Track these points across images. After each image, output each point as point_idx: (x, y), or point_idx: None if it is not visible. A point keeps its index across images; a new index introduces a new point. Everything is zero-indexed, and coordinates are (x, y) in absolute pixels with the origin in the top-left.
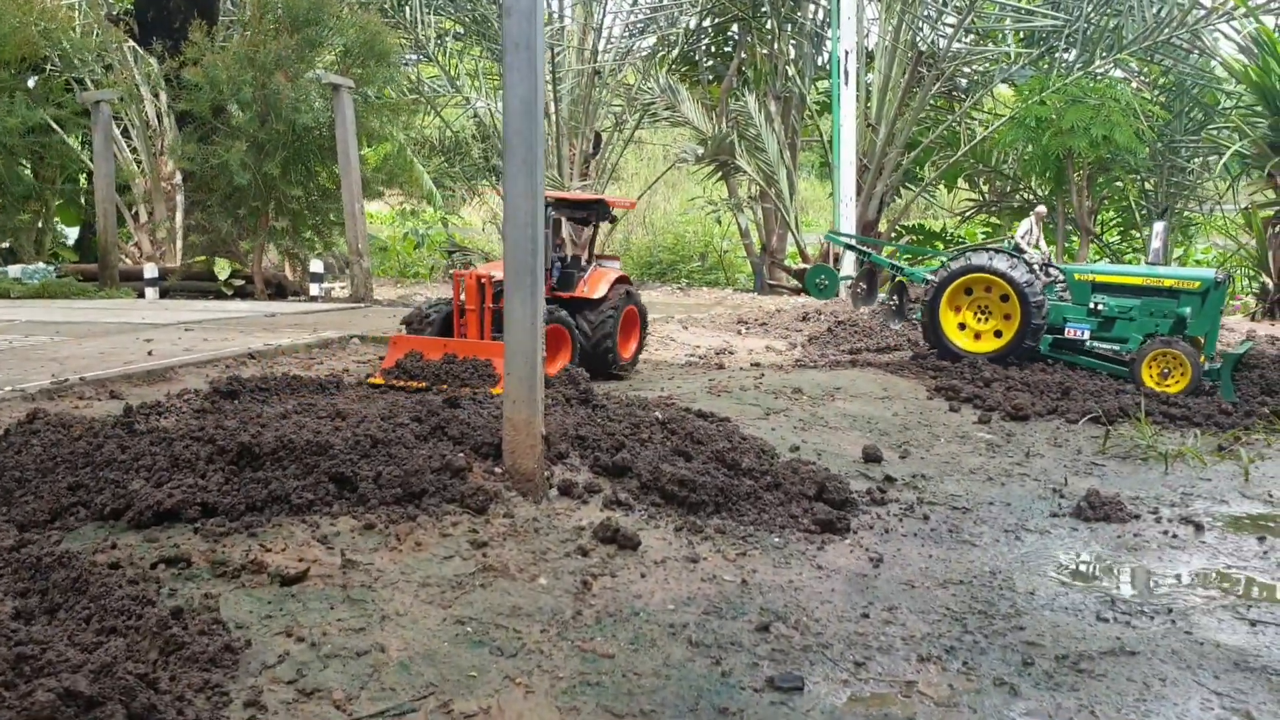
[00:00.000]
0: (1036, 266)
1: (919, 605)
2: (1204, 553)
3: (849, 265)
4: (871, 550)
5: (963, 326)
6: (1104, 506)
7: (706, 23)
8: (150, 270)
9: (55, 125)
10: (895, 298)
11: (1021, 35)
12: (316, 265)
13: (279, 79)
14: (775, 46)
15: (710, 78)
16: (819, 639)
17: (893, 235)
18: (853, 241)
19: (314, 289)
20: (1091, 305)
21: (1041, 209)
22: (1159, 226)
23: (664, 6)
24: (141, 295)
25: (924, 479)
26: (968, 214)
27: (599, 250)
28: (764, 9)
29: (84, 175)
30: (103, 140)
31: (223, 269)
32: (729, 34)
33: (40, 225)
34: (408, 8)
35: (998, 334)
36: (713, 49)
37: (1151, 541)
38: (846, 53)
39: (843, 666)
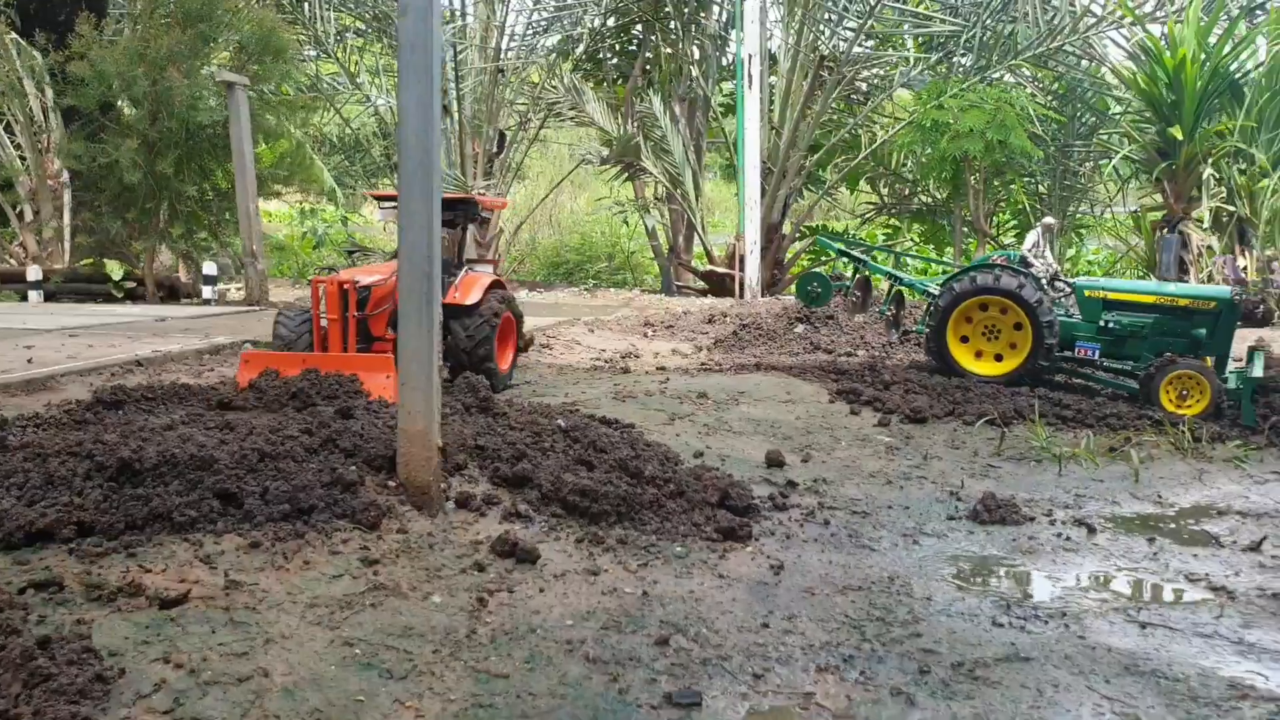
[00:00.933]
0: (1044, 281)
1: (819, 613)
2: (1096, 555)
3: (754, 269)
4: (773, 557)
5: (971, 346)
6: (999, 509)
7: (611, 22)
8: (34, 272)
9: None
10: (893, 308)
11: (921, 41)
12: (210, 267)
13: (172, 75)
14: (680, 48)
15: (615, 76)
16: (718, 651)
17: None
18: (851, 249)
19: (207, 292)
20: (1102, 323)
21: (1049, 220)
22: (1171, 240)
23: (568, 5)
24: (24, 299)
25: (825, 483)
26: (867, 216)
27: (480, 253)
28: (667, 9)
29: None
30: None
31: (114, 270)
32: (633, 33)
33: None
34: (306, 4)
35: (1007, 351)
36: (617, 48)
37: (1046, 544)
38: (750, 56)
39: (741, 679)
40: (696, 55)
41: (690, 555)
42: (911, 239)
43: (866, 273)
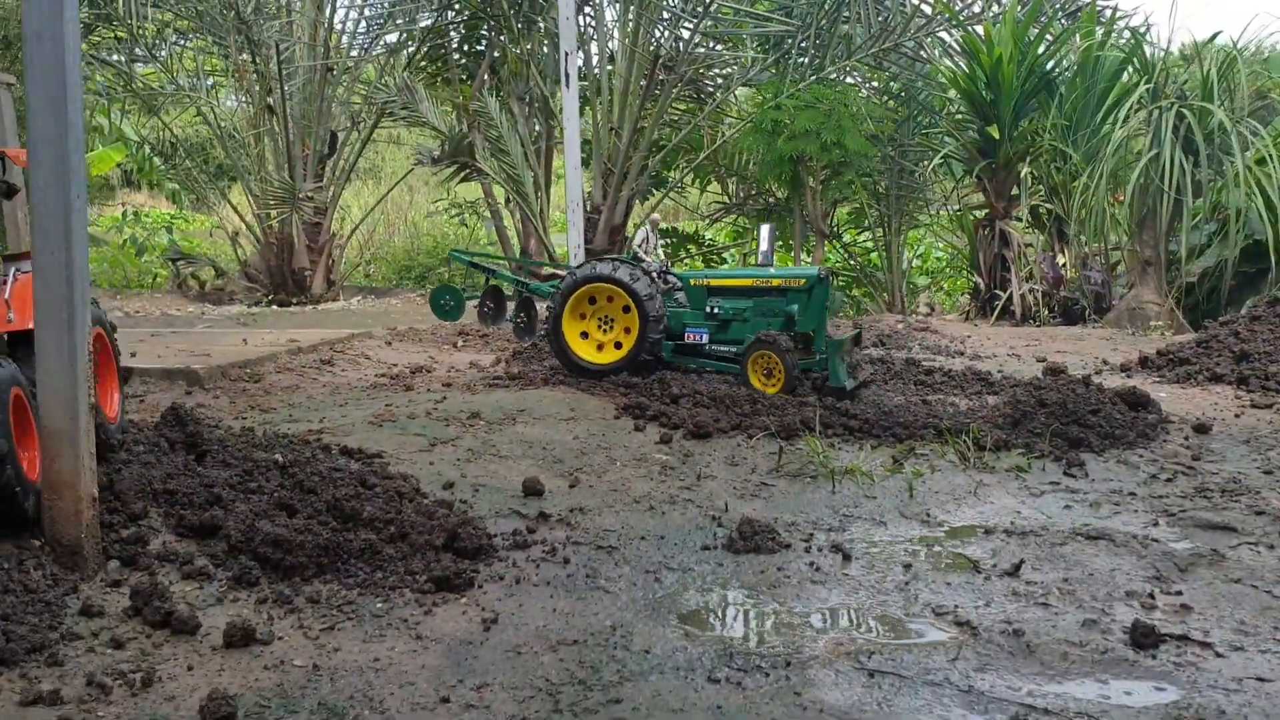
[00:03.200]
0: (655, 274)
1: (517, 678)
2: (844, 587)
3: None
4: (489, 609)
5: (585, 336)
6: (755, 536)
7: (449, 17)
8: None
9: None
10: (523, 315)
11: (759, 41)
12: None
13: None
14: (522, 47)
15: (464, 76)
16: None
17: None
18: (476, 260)
19: None
20: (708, 309)
21: (655, 218)
22: (765, 230)
23: (401, 2)
24: None
25: (582, 512)
26: (714, 216)
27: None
28: (505, 7)
29: None
30: None
31: None
32: (480, 32)
33: None
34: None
35: (619, 345)
36: (465, 47)
37: (794, 576)
38: (566, 54)
39: None
40: (546, 53)
41: (391, 613)
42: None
43: (496, 282)
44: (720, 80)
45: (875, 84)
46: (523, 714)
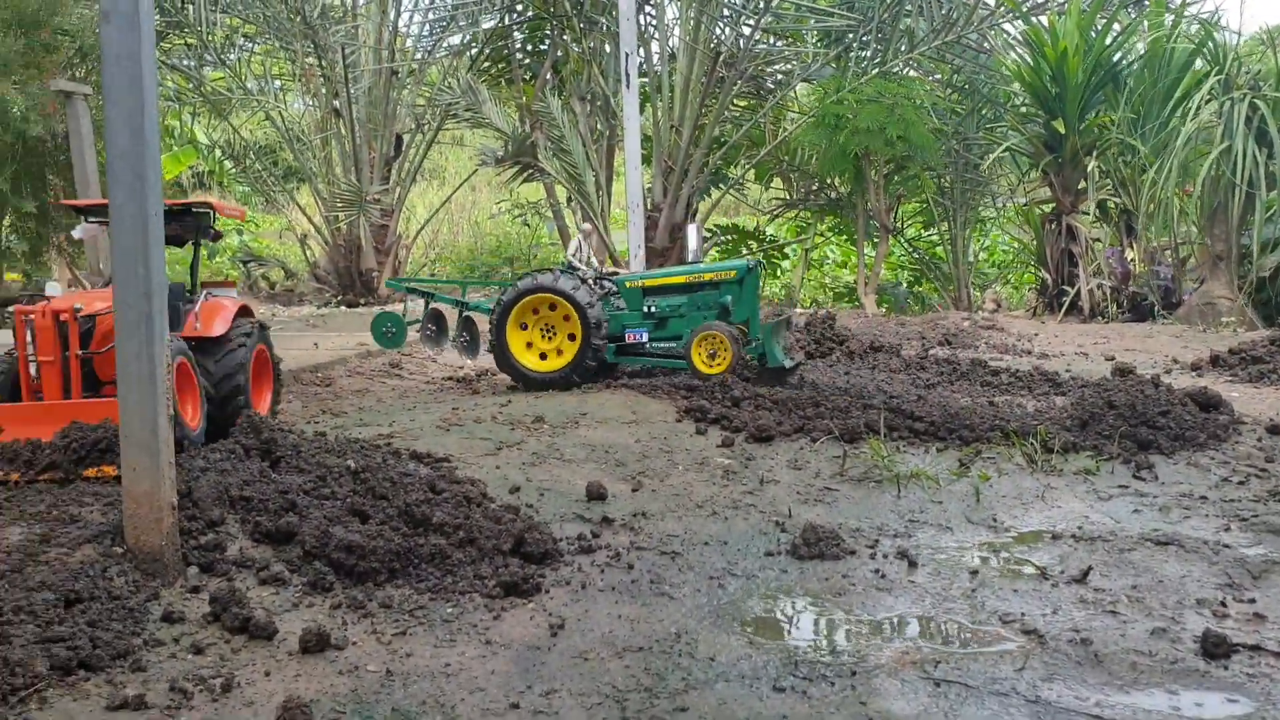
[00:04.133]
0: (591, 281)
1: (584, 684)
2: (910, 594)
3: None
4: (555, 615)
5: (534, 349)
6: (820, 543)
7: (512, 18)
8: None
9: None
10: (465, 334)
11: (819, 36)
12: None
13: (5, 87)
14: (584, 46)
15: (530, 76)
16: None
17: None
18: (414, 285)
19: None
20: (645, 309)
21: (586, 226)
22: (692, 229)
23: (464, 5)
24: None
25: (645, 517)
26: (774, 212)
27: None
28: (568, 8)
29: None
30: None
31: None
32: (543, 32)
33: None
34: (191, 6)
35: (563, 350)
36: (528, 47)
37: (859, 583)
38: (626, 55)
39: None
40: (608, 51)
41: (461, 618)
42: (823, 233)
43: (436, 305)
44: (781, 76)
45: (939, 76)
46: None
